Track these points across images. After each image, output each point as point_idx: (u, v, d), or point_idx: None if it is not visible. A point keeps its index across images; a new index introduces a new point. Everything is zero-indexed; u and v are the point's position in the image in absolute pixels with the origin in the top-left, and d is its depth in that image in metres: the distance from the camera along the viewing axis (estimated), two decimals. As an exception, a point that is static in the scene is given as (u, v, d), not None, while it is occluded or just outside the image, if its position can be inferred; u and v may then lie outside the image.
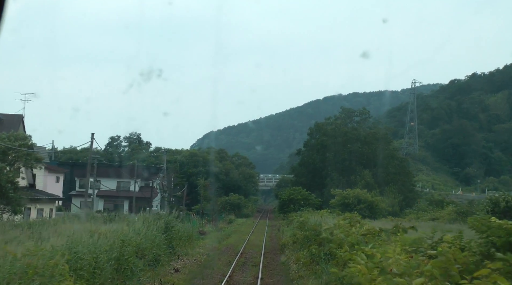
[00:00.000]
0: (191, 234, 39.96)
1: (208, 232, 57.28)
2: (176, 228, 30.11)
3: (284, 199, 70.16)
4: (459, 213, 61.59)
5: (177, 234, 29.77)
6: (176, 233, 29.66)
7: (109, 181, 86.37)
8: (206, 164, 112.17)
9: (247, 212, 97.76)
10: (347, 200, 72.22)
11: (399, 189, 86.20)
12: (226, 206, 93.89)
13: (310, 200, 69.11)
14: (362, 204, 71.24)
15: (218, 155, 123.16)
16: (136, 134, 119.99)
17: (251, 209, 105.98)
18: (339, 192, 74.31)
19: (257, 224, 71.51)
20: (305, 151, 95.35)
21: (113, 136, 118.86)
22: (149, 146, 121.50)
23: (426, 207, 79.90)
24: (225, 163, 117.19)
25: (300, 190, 70.94)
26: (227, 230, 57.88)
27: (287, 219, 67.75)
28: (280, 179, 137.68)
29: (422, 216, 67.49)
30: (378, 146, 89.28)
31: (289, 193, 70.60)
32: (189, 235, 38.33)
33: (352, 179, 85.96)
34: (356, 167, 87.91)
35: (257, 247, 37.78)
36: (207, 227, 64.14)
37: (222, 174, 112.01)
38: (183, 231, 32.60)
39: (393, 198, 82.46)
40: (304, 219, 34.82)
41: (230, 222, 74.29)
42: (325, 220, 32.27)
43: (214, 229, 61.32)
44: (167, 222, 28.48)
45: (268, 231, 57.55)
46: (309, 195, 70.39)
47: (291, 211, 68.84)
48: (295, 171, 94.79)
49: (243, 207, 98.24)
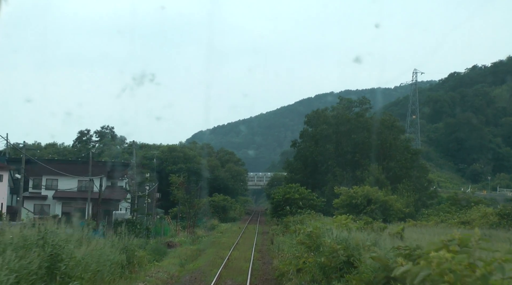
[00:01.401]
0: (141, 256, 25.79)
1: (179, 244, 43.46)
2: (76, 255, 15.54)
3: (277, 200, 56.24)
4: (502, 215, 47.60)
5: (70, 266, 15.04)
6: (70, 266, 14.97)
7: (69, 180, 72.26)
8: (188, 160, 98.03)
9: (234, 215, 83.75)
10: (355, 200, 58.41)
11: (413, 187, 72.65)
12: (209, 209, 79.83)
13: (312, 201, 55.31)
14: (373, 205, 57.44)
15: (202, 151, 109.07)
16: (109, 128, 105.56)
17: (238, 211, 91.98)
18: (344, 190, 60.64)
19: (245, 230, 57.55)
20: (302, 143, 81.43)
21: (83, 130, 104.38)
22: (124, 141, 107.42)
23: (447, 208, 66.25)
24: (210, 159, 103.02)
25: (297, 188, 57.07)
26: (204, 241, 43.95)
27: (281, 224, 53.91)
28: (272, 177, 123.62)
29: (447, 219, 54.18)
30: (388, 135, 75.61)
31: (284, 192, 56.69)
32: (139, 258, 24.44)
33: (358, 175, 72.23)
34: (362, 161, 74.20)
35: (240, 274, 23.88)
36: (181, 236, 50.22)
37: (205, 172, 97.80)
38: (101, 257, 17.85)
39: (407, 197, 68.49)
40: (314, 231, 20.97)
41: (211, 229, 60.27)
42: (355, 235, 18.19)
43: (188, 239, 47.36)
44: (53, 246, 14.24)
45: (258, 242, 43.60)
46: (309, 194, 56.52)
47: (286, 214, 55.00)
48: (290, 166, 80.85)
49: (230, 209, 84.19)
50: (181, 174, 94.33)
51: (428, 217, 60.61)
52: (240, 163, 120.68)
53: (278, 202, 56.11)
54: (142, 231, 49.25)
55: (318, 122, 77.68)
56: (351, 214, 58.90)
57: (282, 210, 55.69)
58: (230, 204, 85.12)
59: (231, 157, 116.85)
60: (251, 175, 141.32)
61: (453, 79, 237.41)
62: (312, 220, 41.88)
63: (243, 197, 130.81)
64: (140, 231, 49.14)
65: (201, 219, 72.27)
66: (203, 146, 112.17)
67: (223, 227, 61.90)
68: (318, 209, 56.48)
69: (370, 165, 72.45)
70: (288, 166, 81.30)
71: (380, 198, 58.82)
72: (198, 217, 76.88)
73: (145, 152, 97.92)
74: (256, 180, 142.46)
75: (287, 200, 55.43)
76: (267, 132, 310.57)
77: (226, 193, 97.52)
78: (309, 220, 41.11)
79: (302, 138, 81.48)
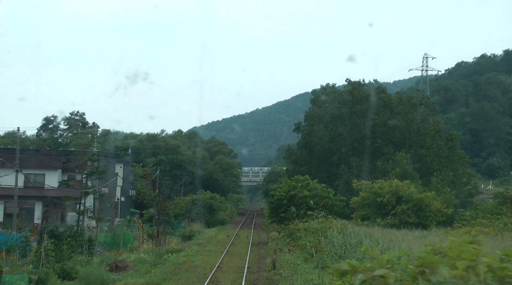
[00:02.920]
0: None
1: (133, 266, 28.26)
2: None
3: (279, 198, 40.35)
4: None
5: None
6: None
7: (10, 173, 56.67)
8: (170, 151, 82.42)
9: (224, 217, 68.05)
10: (380, 197, 42.98)
11: (450, 181, 57.44)
12: (192, 209, 64.37)
13: (327, 200, 39.80)
14: (404, 204, 42.13)
15: (188, 140, 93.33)
16: (79, 114, 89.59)
17: (230, 212, 76.30)
18: (366, 185, 45.40)
19: (234, 240, 42.01)
20: (307, 126, 65.59)
21: (48, 116, 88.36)
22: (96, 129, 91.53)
23: (494, 209, 50.58)
24: (196, 150, 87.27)
25: (307, 180, 41.24)
26: (169, 263, 28.38)
27: (285, 231, 38.53)
28: (269, 172, 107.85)
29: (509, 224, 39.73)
30: (416, 116, 60.23)
31: (287, 187, 40.81)
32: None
33: (379, 166, 56.83)
34: (384, 148, 58.80)
35: None
36: (142, 251, 34.99)
37: (190, 164, 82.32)
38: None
39: (444, 194, 52.67)
40: None
41: (189, 237, 44.75)
42: None
43: (151, 257, 32.03)
44: None
45: (252, 261, 27.94)
46: (324, 190, 40.77)
47: (292, 217, 39.50)
48: (292, 156, 65.09)
49: (218, 209, 68.54)
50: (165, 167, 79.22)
51: (473, 221, 45.41)
52: (232, 154, 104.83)
53: (279, 201, 40.45)
54: (84, 244, 33.81)
55: (328, 100, 62.23)
56: (375, 216, 42.98)
57: (285, 212, 40.12)
58: (219, 203, 69.46)
59: (222, 148, 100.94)
60: (246, 170, 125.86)
61: (461, 68, 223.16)
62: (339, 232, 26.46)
63: (236, 195, 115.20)
64: (82, 244, 33.69)
65: (180, 223, 56.81)
66: (190, 135, 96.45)
67: (205, 235, 46.33)
68: (336, 211, 40.97)
69: (395, 153, 57.05)
70: (289, 156, 65.50)
71: (413, 196, 43.77)
72: (178, 220, 61.45)
73: (120, 142, 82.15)
74: (251, 175, 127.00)
75: (293, 198, 39.82)
76: (262, 128, 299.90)
77: (216, 190, 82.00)
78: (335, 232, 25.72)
79: (307, 120, 65.67)
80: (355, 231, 25.96)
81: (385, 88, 61.87)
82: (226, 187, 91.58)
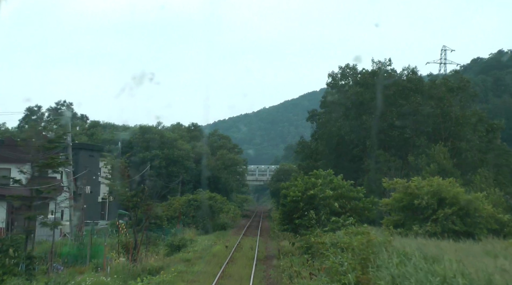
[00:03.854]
0: None
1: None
2: None
3: (293, 199, 30.54)
4: None
5: None
6: None
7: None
8: (166, 145, 73.15)
9: (225, 221, 58.45)
10: (418, 199, 33.15)
11: (494, 179, 47.65)
12: (188, 211, 55.14)
13: (357, 202, 30.19)
14: (448, 208, 32.32)
15: (187, 134, 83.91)
16: (66, 104, 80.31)
17: (233, 214, 66.75)
18: (400, 184, 35.65)
19: (235, 252, 32.54)
20: (324, 114, 55.86)
21: (31, 106, 79.15)
22: (85, 120, 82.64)
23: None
24: (195, 144, 77.85)
25: (330, 176, 31.44)
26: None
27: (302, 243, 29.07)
28: (278, 170, 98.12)
29: None
30: (453, 102, 50.61)
31: (305, 184, 30.96)
32: None
33: (411, 161, 47.27)
34: (415, 140, 49.24)
35: None
36: (111, 269, 25.73)
37: (189, 160, 72.98)
38: None
39: (493, 195, 42.63)
40: None
41: (178, 247, 35.40)
42: None
43: (118, 278, 22.75)
44: None
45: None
46: (351, 189, 30.97)
47: (310, 224, 30.02)
48: (306, 149, 55.30)
49: (219, 211, 59.07)
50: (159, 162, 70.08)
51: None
52: (236, 150, 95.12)
53: (293, 203, 30.70)
54: (20, 261, 24.52)
55: (347, 83, 52.58)
56: (411, 223, 32.01)
57: (301, 218, 30.47)
58: (220, 204, 59.98)
59: (225, 143, 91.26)
60: (252, 168, 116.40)
61: (477, 64, 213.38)
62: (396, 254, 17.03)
63: (242, 195, 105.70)
64: (17, 262, 24.40)
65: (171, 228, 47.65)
66: (189, 129, 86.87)
67: (199, 244, 36.84)
68: (366, 217, 31.43)
69: (429, 146, 47.43)
70: (302, 150, 55.62)
71: (459, 197, 33.75)
72: (172, 223, 52.28)
73: (108, 135, 72.94)
74: (258, 174, 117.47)
75: (311, 199, 30.13)
76: (269, 128, 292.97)
77: (218, 189, 72.66)
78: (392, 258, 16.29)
79: (324, 107, 55.88)
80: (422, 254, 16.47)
81: (415, 68, 52.29)
82: (230, 186, 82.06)
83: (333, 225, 29.03)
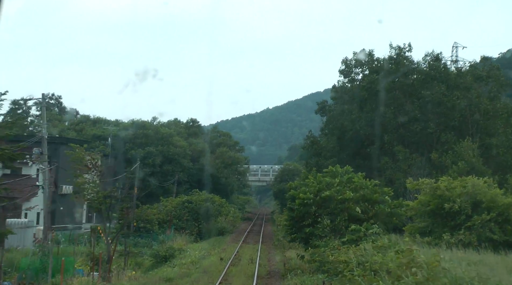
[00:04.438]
0: None
1: None
2: None
3: (304, 202, 24.37)
4: None
5: None
6: None
7: None
8: (161, 142, 67.30)
9: (223, 225, 52.37)
10: (449, 203, 26.97)
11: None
12: (182, 214, 49.23)
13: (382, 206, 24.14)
14: (485, 214, 25.87)
15: (185, 130, 77.94)
16: (55, 97, 74.43)
17: (232, 217, 60.63)
18: (427, 183, 30.01)
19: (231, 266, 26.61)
20: (335, 106, 49.68)
21: (17, 99, 73.31)
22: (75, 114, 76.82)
23: None
24: (193, 141, 71.86)
25: (349, 174, 25.21)
26: None
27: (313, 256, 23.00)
28: (282, 170, 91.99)
29: None
30: (483, 93, 44.67)
31: (318, 184, 24.80)
32: None
33: (435, 159, 41.40)
34: (441, 136, 43.26)
35: None
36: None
37: (186, 158, 67.08)
38: None
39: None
40: None
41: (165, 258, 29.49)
42: None
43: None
44: None
45: None
46: (375, 190, 24.80)
47: (323, 234, 24.12)
48: (315, 146, 49.07)
49: (217, 214, 53.04)
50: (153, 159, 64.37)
51: None
52: (238, 148, 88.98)
53: (304, 207, 24.55)
54: None
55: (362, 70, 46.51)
56: (440, 230, 26.84)
57: (313, 226, 24.47)
58: (219, 206, 53.97)
59: (225, 140, 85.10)
60: (254, 168, 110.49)
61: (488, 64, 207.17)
62: None
63: (243, 196, 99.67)
64: None
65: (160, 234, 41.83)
66: (187, 125, 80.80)
67: (190, 255, 30.83)
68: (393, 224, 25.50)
69: (455, 142, 41.51)
70: (311, 146, 49.34)
71: (498, 200, 27.97)
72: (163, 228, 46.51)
73: (97, 130, 67.09)
74: (260, 174, 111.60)
75: (326, 202, 24.09)
76: (273, 128, 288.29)
77: (217, 189, 66.72)
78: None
79: (335, 99, 49.60)
80: None
81: (440, 53, 46.12)
82: (230, 186, 76.00)
83: (352, 234, 23.09)
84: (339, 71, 47.49)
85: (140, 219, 47.18)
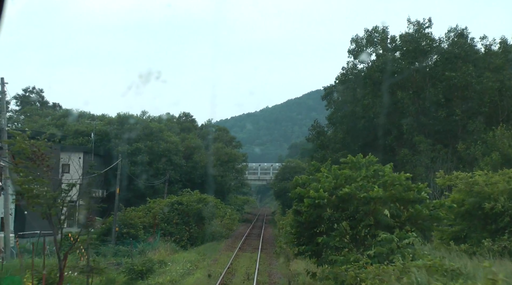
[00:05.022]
0: None
1: None
2: None
3: (315, 203, 18.17)
4: None
5: None
6: None
7: None
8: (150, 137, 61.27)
9: (218, 229, 46.28)
10: (490, 202, 20.27)
11: None
12: (171, 217, 43.23)
13: (419, 208, 17.95)
14: None
15: (179, 125, 71.92)
16: (36, 91, 68.37)
17: (229, 219, 54.54)
18: (463, 178, 23.58)
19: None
20: (345, 91, 43.30)
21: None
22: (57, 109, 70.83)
23: None
24: (185, 136, 65.77)
25: (375, 165, 19.08)
26: None
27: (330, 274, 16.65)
28: (283, 167, 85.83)
29: None
30: None
31: (335, 178, 18.57)
32: None
33: (461, 150, 35.40)
34: (469, 123, 37.24)
35: None
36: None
37: (177, 155, 61.03)
38: None
39: None
40: None
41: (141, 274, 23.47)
42: None
43: None
44: None
45: None
46: (409, 186, 18.73)
47: (340, 244, 17.84)
48: (322, 138, 42.85)
49: (211, 217, 46.93)
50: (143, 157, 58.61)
51: None
52: (234, 143, 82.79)
53: (315, 208, 18.21)
54: None
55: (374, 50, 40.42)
56: (479, 236, 21.33)
57: (327, 234, 18.38)
58: (212, 208, 47.93)
59: (221, 135, 78.87)
60: (254, 166, 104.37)
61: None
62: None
63: (242, 196, 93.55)
64: None
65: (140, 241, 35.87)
66: (179, 120, 74.64)
67: (172, 269, 24.79)
68: (432, 230, 19.48)
69: (486, 130, 35.56)
70: (318, 137, 42.89)
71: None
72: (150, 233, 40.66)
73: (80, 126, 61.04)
74: (260, 173, 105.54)
75: (345, 203, 17.93)
76: (273, 127, 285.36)
77: (211, 189, 60.62)
78: None
79: (344, 82, 43.16)
80: None
81: (465, 29, 39.90)
82: (226, 185, 69.82)
83: (382, 246, 16.86)
84: (348, 51, 41.38)
85: (123, 224, 41.53)
